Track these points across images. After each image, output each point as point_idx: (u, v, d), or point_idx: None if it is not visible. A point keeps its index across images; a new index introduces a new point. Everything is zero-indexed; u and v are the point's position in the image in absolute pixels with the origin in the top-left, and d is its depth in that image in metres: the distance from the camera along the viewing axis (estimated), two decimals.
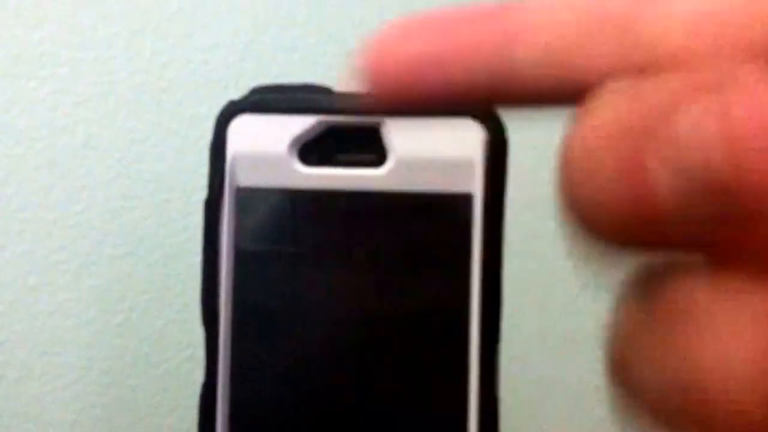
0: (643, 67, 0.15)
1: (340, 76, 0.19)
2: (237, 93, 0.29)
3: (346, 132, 0.29)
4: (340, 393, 0.28)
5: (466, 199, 0.28)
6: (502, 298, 0.27)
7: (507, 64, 0.16)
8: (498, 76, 0.16)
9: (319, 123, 0.29)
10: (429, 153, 0.28)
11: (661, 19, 0.15)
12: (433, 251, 0.28)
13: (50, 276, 0.50)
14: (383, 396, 0.28)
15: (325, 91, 0.29)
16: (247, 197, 0.29)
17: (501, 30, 0.16)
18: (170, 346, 0.50)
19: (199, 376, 0.29)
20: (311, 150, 0.29)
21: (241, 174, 0.29)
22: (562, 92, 0.16)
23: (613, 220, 0.14)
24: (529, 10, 0.16)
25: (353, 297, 0.29)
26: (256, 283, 0.29)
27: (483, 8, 0.17)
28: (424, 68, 0.17)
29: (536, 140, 0.50)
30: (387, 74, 0.17)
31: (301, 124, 0.29)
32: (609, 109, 0.15)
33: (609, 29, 0.16)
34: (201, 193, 0.29)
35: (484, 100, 0.17)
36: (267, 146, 0.29)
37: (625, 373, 0.15)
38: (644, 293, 0.15)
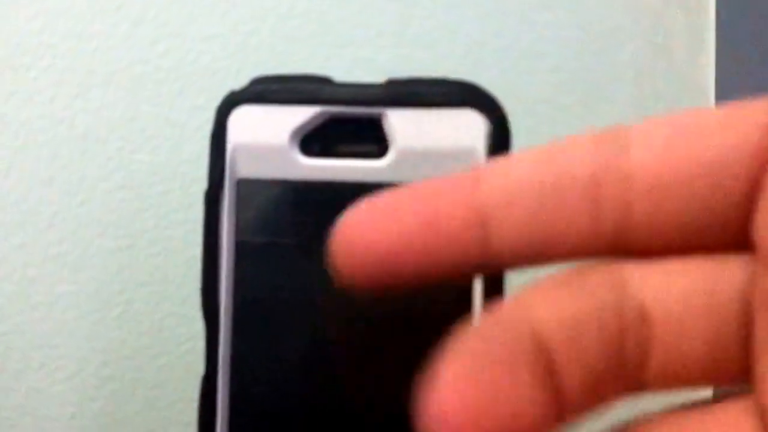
0: (617, 232, 0.16)
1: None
2: (237, 83, 0.29)
3: (347, 122, 0.28)
4: (341, 386, 0.28)
5: None
6: (505, 286, 0.27)
7: (482, 243, 0.17)
8: (475, 254, 0.17)
9: (321, 113, 0.28)
10: (431, 143, 0.28)
11: (622, 183, 0.16)
12: None
13: (49, 268, 0.50)
14: (384, 389, 0.28)
15: (326, 81, 0.29)
16: (247, 188, 0.29)
17: (473, 208, 0.16)
18: (170, 339, 0.50)
19: (199, 369, 0.28)
20: (312, 141, 0.29)
21: (242, 165, 0.28)
22: (541, 260, 0.17)
23: None
24: (496, 183, 0.17)
25: None
26: (256, 275, 0.29)
27: (453, 182, 0.17)
28: (398, 252, 0.17)
29: (539, 131, 0.50)
30: (360, 260, 0.17)
31: (302, 114, 0.28)
32: None
33: (574, 199, 0.16)
34: (201, 184, 0.29)
35: (462, 276, 0.18)
36: (268, 137, 0.28)
37: None
38: None
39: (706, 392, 0.17)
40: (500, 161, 0.17)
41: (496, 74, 0.50)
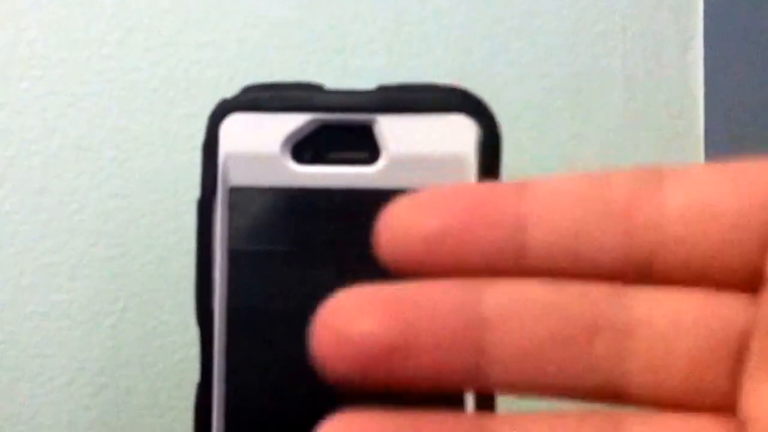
0: (645, 257, 0.17)
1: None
2: (229, 91, 0.29)
3: (338, 129, 0.28)
4: (335, 392, 0.28)
5: None
6: None
7: (518, 246, 0.17)
8: (510, 256, 0.17)
9: (312, 121, 0.28)
10: (422, 149, 0.28)
11: (656, 213, 0.17)
12: None
13: (43, 277, 0.50)
14: (379, 396, 0.28)
15: (317, 88, 0.29)
16: (240, 196, 0.29)
17: (515, 213, 0.17)
18: (164, 347, 0.50)
19: (193, 377, 0.29)
20: (304, 148, 0.29)
21: (234, 173, 0.29)
22: (570, 271, 0.17)
23: None
24: (538, 195, 0.17)
25: None
26: (249, 283, 0.29)
27: (500, 188, 0.18)
28: (441, 242, 0.17)
29: (529, 136, 0.50)
30: (400, 247, 0.17)
31: (293, 122, 0.28)
32: None
33: (611, 219, 0.17)
34: (194, 192, 0.29)
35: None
36: (260, 145, 0.28)
37: None
38: None
39: None
40: (544, 178, 0.18)
41: (487, 79, 0.50)
